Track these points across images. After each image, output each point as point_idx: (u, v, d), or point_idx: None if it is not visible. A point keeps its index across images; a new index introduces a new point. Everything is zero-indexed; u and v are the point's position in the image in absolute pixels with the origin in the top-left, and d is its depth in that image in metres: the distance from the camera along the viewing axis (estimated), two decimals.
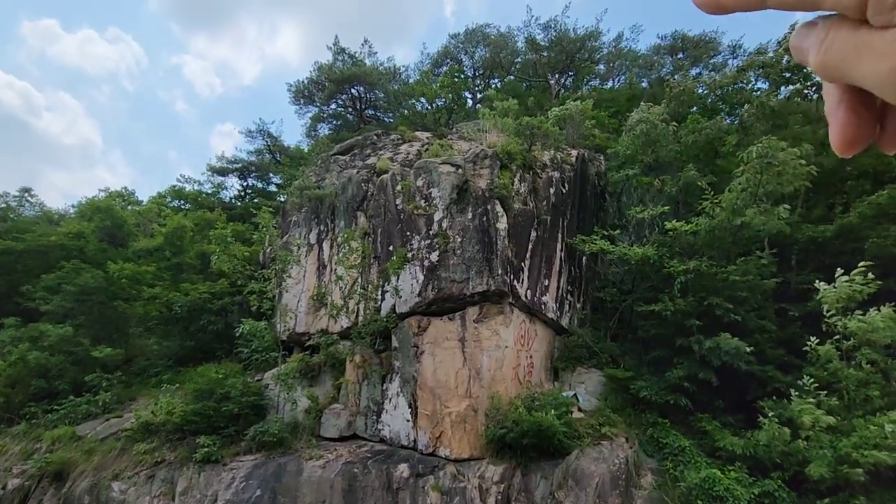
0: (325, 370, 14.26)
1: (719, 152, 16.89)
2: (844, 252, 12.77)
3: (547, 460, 11.14)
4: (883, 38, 0.36)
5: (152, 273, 20.70)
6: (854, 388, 9.79)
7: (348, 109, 30.00)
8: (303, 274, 15.84)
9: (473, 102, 30.81)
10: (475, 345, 12.21)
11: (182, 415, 13.22)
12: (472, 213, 12.79)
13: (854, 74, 0.39)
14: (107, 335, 19.33)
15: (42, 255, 23.03)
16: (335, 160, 17.89)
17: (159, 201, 32.86)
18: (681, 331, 12.25)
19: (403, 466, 11.22)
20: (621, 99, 27.32)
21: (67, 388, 16.57)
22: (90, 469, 13.16)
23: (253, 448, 12.61)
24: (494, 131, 15.75)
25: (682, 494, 10.23)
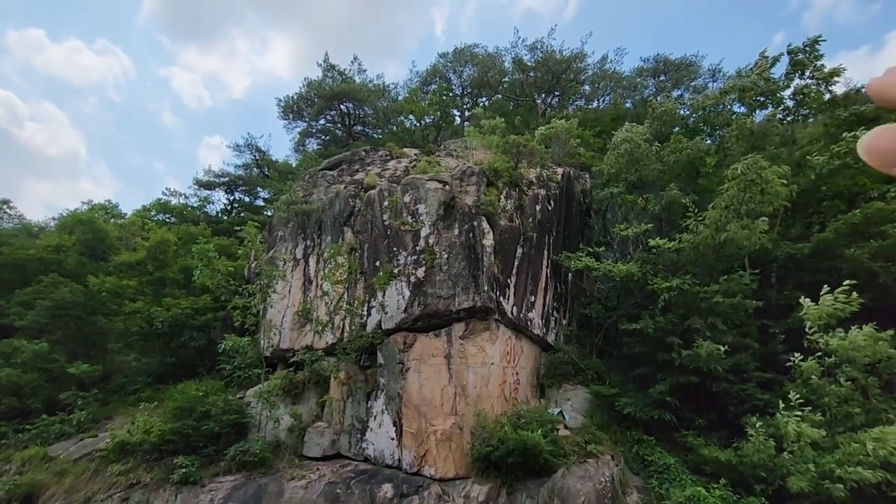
0: (309, 387, 14.03)
1: (700, 172, 17.27)
2: (821, 270, 13.06)
3: (533, 479, 11.03)
4: None
5: (134, 287, 20.32)
6: (836, 405, 9.92)
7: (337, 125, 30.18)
8: (288, 289, 15.69)
9: (461, 120, 31.23)
10: (461, 361, 12.14)
11: (160, 434, 12.86)
12: (458, 229, 12.85)
13: None
14: (84, 351, 18.83)
15: (19, 269, 22.45)
16: (323, 175, 17.91)
17: (143, 214, 32.41)
18: (663, 347, 12.35)
19: (387, 486, 11.02)
20: (606, 118, 27.91)
21: (41, 406, 16.04)
22: (61, 492, 12.67)
23: (233, 468, 12.27)
24: (481, 149, 15.95)
25: None
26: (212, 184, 32.26)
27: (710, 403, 12.13)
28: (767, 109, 16.30)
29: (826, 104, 15.31)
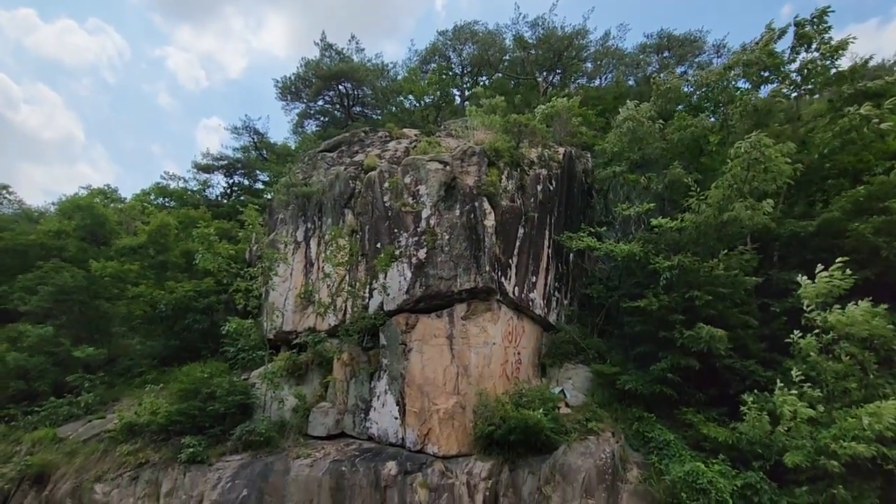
0: (312, 368, 14.17)
1: (703, 150, 17.08)
2: (825, 248, 13.01)
3: (534, 456, 11.21)
4: None
5: (136, 271, 20.38)
6: (833, 381, 10.01)
7: (336, 106, 29.81)
8: (290, 272, 15.72)
9: (461, 100, 30.80)
10: (463, 342, 12.22)
11: (166, 415, 13.06)
12: (459, 210, 12.79)
13: None
14: (89, 335, 18.99)
15: (20, 255, 22.51)
16: (322, 157, 17.77)
17: (143, 199, 32.33)
18: (665, 326, 12.40)
19: (391, 464, 11.21)
20: (608, 97, 27.53)
21: (48, 389, 16.27)
22: (72, 471, 12.93)
23: (239, 448, 12.49)
24: (482, 128, 15.77)
25: (667, 488, 10.36)
26: (210, 167, 32.07)
27: (711, 379, 12.23)
28: (772, 85, 16.01)
29: (832, 78, 15.03)
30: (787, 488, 9.80)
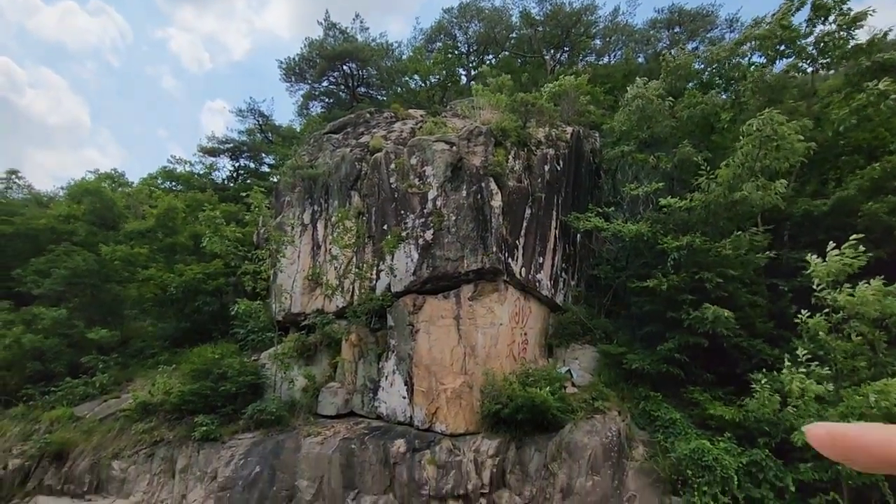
0: (321, 349, 14.34)
1: (714, 128, 16.75)
2: (837, 227, 12.82)
3: (541, 434, 11.35)
4: None
5: (145, 255, 20.59)
6: (842, 360, 9.96)
7: (340, 87, 29.48)
8: (297, 254, 15.79)
9: (467, 79, 30.33)
10: (470, 322, 12.28)
11: (179, 395, 13.33)
12: (466, 190, 12.71)
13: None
14: (101, 317, 19.30)
15: (32, 239, 22.79)
16: (328, 139, 17.66)
17: (150, 183, 32.43)
18: (673, 306, 12.36)
19: (400, 442, 11.40)
20: (617, 75, 26.97)
21: (64, 370, 16.61)
22: (90, 449, 13.29)
23: (251, 426, 12.75)
24: (488, 108, 15.55)
25: (672, 465, 10.47)
26: (216, 150, 32.01)
27: (718, 359, 12.23)
28: (788, 59, 15.57)
29: (849, 52, 14.59)
30: (792, 465, 9.87)
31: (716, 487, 9.70)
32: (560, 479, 10.65)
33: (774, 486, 9.57)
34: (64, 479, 12.89)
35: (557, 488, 10.57)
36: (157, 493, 12.12)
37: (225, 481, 11.58)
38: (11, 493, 12.98)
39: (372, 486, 11.03)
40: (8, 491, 13.02)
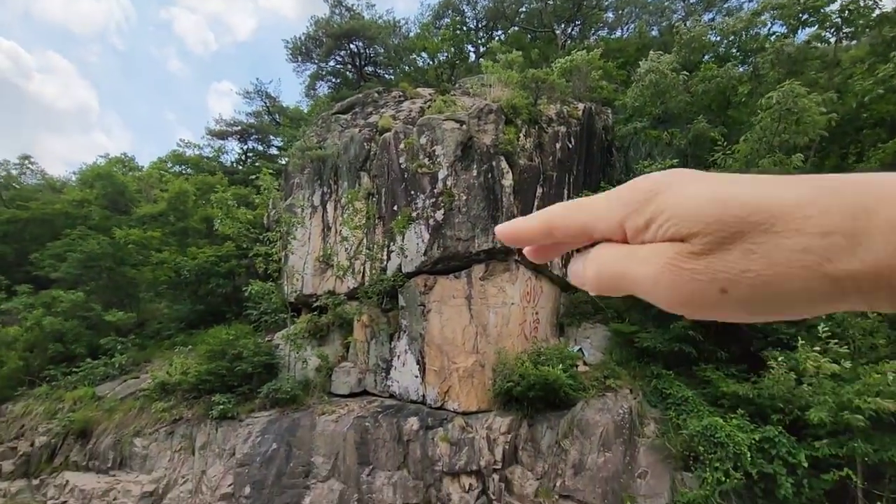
0: (333, 330, 14.49)
1: (731, 102, 16.33)
2: None
3: (552, 411, 11.45)
4: (640, 251, 0.44)
5: (158, 238, 20.82)
6: (860, 337, 9.86)
7: (347, 66, 29.08)
8: (308, 236, 15.83)
9: (476, 56, 29.73)
10: (481, 302, 12.30)
11: (197, 374, 13.59)
12: (476, 170, 12.58)
13: (623, 284, 0.46)
14: (118, 300, 19.66)
15: (47, 224, 23.15)
16: (336, 119, 17.51)
17: (160, 166, 32.60)
18: None
19: (413, 419, 11.56)
20: (630, 49, 26.26)
21: (84, 351, 17.01)
22: (112, 426, 13.68)
23: (267, 405, 13.01)
24: (499, 85, 15.27)
25: (684, 441, 10.52)
26: (224, 133, 31.99)
27: (732, 337, 12.16)
28: (810, 29, 15.01)
29: (874, 21, 14.03)
30: (805, 442, 9.85)
31: (728, 463, 9.73)
32: (572, 456, 10.77)
33: (787, 463, 9.58)
34: (89, 455, 13.31)
35: (569, 464, 10.70)
36: (179, 469, 12.48)
37: (243, 458, 11.88)
38: (40, 468, 13.46)
39: (386, 462, 11.25)
40: (36, 467, 13.50)
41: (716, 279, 0.40)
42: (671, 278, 0.42)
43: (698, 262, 0.41)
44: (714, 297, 0.41)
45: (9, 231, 23.58)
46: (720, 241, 0.40)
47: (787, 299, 0.39)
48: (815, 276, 0.37)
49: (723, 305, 0.41)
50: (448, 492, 10.65)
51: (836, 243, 0.36)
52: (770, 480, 9.66)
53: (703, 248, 0.40)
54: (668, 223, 0.42)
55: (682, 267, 0.41)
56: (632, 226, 0.45)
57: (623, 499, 10.16)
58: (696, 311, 0.43)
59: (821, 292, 0.38)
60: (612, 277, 0.47)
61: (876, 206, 0.36)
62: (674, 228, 0.42)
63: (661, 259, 0.42)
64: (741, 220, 0.39)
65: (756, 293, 0.39)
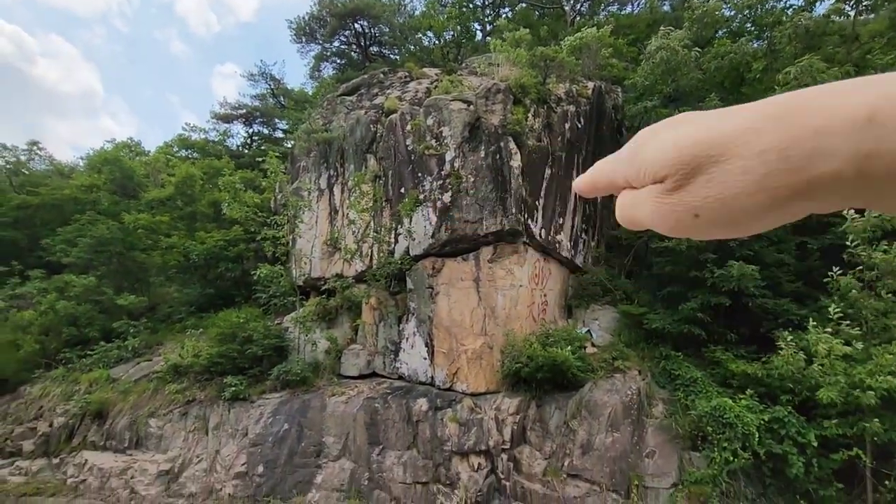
0: (342, 313, 14.58)
1: (744, 79, 15.92)
2: None
3: (561, 392, 11.50)
4: (640, 194, 0.54)
5: (167, 223, 20.92)
6: (873, 318, 9.75)
7: (352, 47, 28.66)
8: (315, 219, 15.83)
9: (483, 35, 29.15)
10: (490, 284, 12.28)
11: (208, 357, 13.78)
12: (484, 151, 12.43)
13: (636, 221, 0.57)
14: (129, 284, 19.90)
15: (57, 209, 23.35)
16: (341, 101, 17.33)
17: (166, 151, 32.63)
18: (696, 265, 12.15)
19: (422, 401, 11.68)
20: (641, 25, 25.60)
21: (97, 334, 17.30)
22: (127, 408, 13.97)
23: (278, 386, 13.19)
24: (506, 64, 14.98)
25: (692, 422, 10.55)
26: (229, 116, 31.86)
27: (741, 318, 12.09)
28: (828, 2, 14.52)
29: None
30: (815, 422, 9.85)
31: (736, 443, 9.77)
32: (580, 436, 10.86)
33: (796, 442, 9.60)
34: (106, 435, 13.62)
35: (577, 444, 10.79)
36: (193, 449, 12.75)
37: (256, 438, 12.10)
38: (59, 448, 13.82)
39: (396, 442, 11.40)
40: (56, 446, 13.86)
41: (689, 208, 0.49)
42: (659, 212, 0.52)
43: (673, 196, 0.50)
44: (691, 221, 0.50)
45: (20, 217, 23.82)
46: (685, 177, 0.48)
47: (745, 215, 0.47)
48: (758, 190, 0.44)
49: (700, 227, 0.50)
50: (457, 471, 10.80)
51: (769, 160, 0.44)
52: (779, 460, 9.71)
53: (674, 185, 0.49)
54: (648, 171, 0.52)
55: (663, 202, 0.51)
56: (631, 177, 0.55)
57: (631, 478, 10.26)
58: (683, 233, 0.53)
59: (767, 204, 0.45)
60: (629, 218, 0.57)
61: (801, 118, 0.43)
62: (652, 174, 0.51)
63: (649, 199, 0.52)
64: (696, 157, 0.48)
65: (720, 213, 0.47)
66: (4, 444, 14.21)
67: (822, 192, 0.43)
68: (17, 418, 15.14)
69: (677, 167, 0.48)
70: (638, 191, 0.54)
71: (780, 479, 9.82)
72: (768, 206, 0.45)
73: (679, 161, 0.48)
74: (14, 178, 26.92)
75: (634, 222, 0.57)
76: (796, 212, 0.46)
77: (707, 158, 0.47)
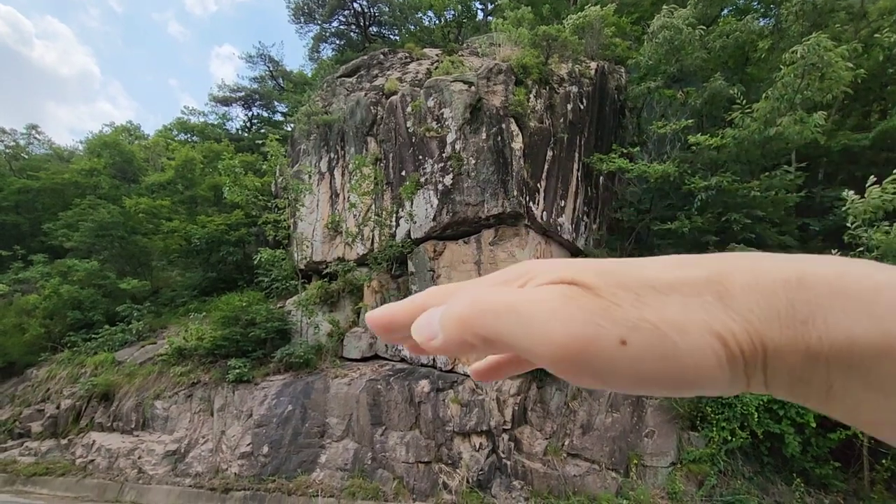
0: (343, 296, 14.64)
1: (750, 58, 15.66)
2: (876, 162, 12.19)
3: None
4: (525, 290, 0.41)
5: (168, 207, 20.90)
6: None
7: (351, 27, 28.24)
8: (316, 203, 15.79)
9: (484, 14, 28.67)
10: (491, 267, 12.29)
11: (212, 340, 13.90)
12: (486, 133, 12.32)
13: (503, 321, 0.40)
14: (131, 269, 19.98)
15: (58, 193, 23.30)
16: (341, 83, 17.13)
17: (166, 134, 32.41)
18: (698, 247, 12.13)
19: (424, 382, 11.80)
20: (645, 3, 25.04)
21: (102, 318, 17.43)
22: (133, 390, 14.15)
23: (281, 369, 13.33)
24: (508, 44, 14.74)
25: (691, 403, 10.65)
26: (228, 99, 31.58)
27: None
28: None
29: None
30: None
31: (734, 423, 9.89)
32: (580, 416, 11.00)
33: (795, 422, 9.71)
34: (112, 417, 13.83)
35: (578, 424, 10.93)
36: (199, 430, 12.95)
37: (260, 419, 12.28)
38: (67, 429, 14.05)
39: (398, 422, 11.56)
40: (64, 427, 14.09)
41: (616, 324, 0.36)
42: (568, 313, 0.37)
43: (596, 301, 0.37)
44: (613, 348, 0.36)
45: (21, 201, 23.80)
46: (616, 287, 0.38)
47: (682, 362, 0.36)
48: (707, 338, 0.36)
49: (620, 360, 0.36)
50: (459, 450, 10.97)
51: (707, 301, 0.37)
52: (776, 439, 9.83)
53: (599, 289, 0.38)
54: (549, 274, 0.41)
55: (578, 303, 0.37)
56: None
57: (630, 457, 10.41)
58: (590, 361, 0.36)
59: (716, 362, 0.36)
60: (493, 316, 0.38)
61: (732, 274, 0.38)
62: (558, 276, 0.40)
63: (554, 292, 0.38)
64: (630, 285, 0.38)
65: (654, 348, 0.36)
66: (13, 426, 14.45)
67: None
68: (25, 400, 15.37)
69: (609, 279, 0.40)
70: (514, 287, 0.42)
71: (778, 457, 9.97)
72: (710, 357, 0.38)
73: (614, 284, 0.39)
74: (13, 162, 26.82)
75: (491, 326, 0.39)
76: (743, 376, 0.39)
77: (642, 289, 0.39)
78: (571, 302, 0.37)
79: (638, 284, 0.38)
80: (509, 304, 0.38)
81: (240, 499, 10.94)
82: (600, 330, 0.36)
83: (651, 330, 0.36)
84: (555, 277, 0.39)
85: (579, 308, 0.37)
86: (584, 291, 0.38)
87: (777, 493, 9.67)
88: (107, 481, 12.11)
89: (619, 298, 0.37)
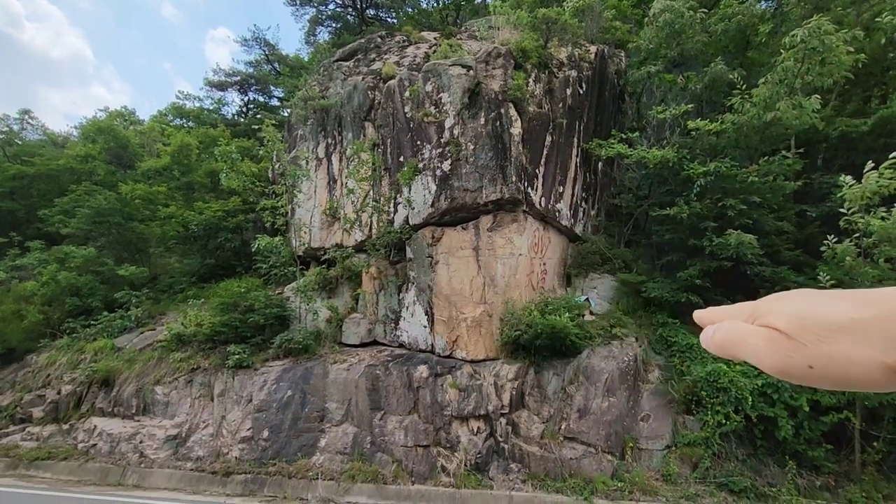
0: (342, 282, 14.66)
1: (751, 43, 15.51)
2: (875, 148, 12.13)
3: (559, 359, 11.71)
4: (757, 330, 0.61)
5: (164, 193, 20.77)
6: (869, 285, 9.81)
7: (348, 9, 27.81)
8: (313, 189, 15.72)
9: None
10: (489, 253, 12.31)
11: (211, 326, 13.94)
12: (484, 118, 12.23)
13: (740, 348, 0.62)
14: (129, 255, 19.94)
15: (53, 179, 23.13)
16: (338, 67, 16.92)
17: (161, 120, 32.07)
18: (695, 233, 12.16)
19: (423, 367, 11.90)
20: None
21: (100, 305, 17.44)
22: (133, 375, 14.22)
23: (280, 355, 13.40)
24: (507, 27, 14.55)
25: (687, 387, 10.79)
26: (224, 84, 31.18)
27: (740, 286, 12.17)
28: None
29: None
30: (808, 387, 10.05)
31: (729, 407, 10.04)
32: (577, 401, 11.12)
33: (788, 406, 9.85)
34: (113, 402, 13.93)
35: (574, 408, 11.06)
36: (199, 415, 13.07)
37: (260, 404, 12.38)
38: (68, 414, 14.15)
39: (397, 407, 11.68)
40: (65, 413, 14.19)
41: (805, 358, 0.56)
42: (771, 350, 0.58)
43: (788, 342, 0.57)
44: (804, 371, 0.56)
45: (16, 187, 23.63)
46: (801, 331, 0.57)
47: (851, 380, 0.54)
48: (865, 361, 0.53)
49: (811, 377, 0.56)
50: (457, 434, 11.11)
51: (876, 344, 0.52)
52: (770, 422, 9.98)
53: (790, 333, 0.57)
54: (765, 317, 0.61)
55: (780, 345, 0.57)
56: (745, 317, 0.64)
57: (626, 440, 10.57)
58: (789, 376, 0.58)
59: (874, 373, 0.53)
60: (733, 343, 0.62)
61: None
62: (768, 321, 0.60)
63: (764, 337, 0.59)
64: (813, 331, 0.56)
65: (831, 370, 0.55)
66: (15, 412, 14.55)
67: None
68: (26, 386, 15.44)
69: (798, 332, 0.56)
70: (753, 325, 0.61)
71: (771, 440, 10.12)
72: (885, 379, 0.53)
73: (801, 328, 0.56)
74: (7, 148, 26.53)
75: (736, 349, 0.62)
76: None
77: (825, 335, 0.55)
78: (773, 343, 0.58)
79: (818, 328, 0.55)
80: (743, 340, 0.61)
81: (241, 482, 11.09)
82: (792, 360, 0.56)
83: (828, 360, 0.54)
84: (766, 322, 0.59)
85: (778, 348, 0.57)
86: (780, 336, 0.57)
87: (770, 474, 9.85)
88: (109, 465, 12.24)
89: (804, 339, 0.56)
